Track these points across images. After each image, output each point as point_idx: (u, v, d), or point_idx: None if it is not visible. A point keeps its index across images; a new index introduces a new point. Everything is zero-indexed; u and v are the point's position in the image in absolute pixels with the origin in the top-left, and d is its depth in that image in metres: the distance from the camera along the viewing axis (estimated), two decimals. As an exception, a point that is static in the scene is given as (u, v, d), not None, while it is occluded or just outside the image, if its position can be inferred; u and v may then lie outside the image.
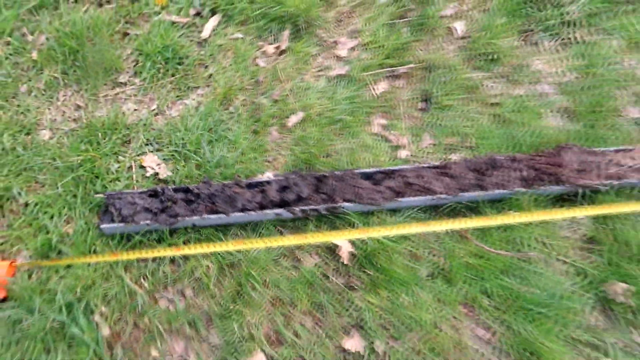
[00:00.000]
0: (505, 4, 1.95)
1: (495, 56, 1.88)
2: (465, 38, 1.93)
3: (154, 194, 1.56)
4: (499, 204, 1.59)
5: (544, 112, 1.79)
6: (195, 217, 1.52)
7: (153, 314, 1.48)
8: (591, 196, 1.59)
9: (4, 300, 1.48)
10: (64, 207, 1.61)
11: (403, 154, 1.71)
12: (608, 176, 1.58)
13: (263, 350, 1.41)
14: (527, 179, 1.56)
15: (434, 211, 1.59)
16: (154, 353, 1.44)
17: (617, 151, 1.62)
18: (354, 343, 1.44)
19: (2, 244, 1.59)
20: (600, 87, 1.81)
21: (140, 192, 1.57)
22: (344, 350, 1.44)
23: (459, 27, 1.94)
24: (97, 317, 1.45)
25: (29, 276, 1.51)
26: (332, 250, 1.53)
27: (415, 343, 1.44)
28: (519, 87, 1.84)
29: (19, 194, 1.64)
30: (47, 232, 1.57)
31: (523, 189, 1.56)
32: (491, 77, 1.87)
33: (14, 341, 1.43)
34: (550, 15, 1.94)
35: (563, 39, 1.93)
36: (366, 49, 1.92)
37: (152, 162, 1.69)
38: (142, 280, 1.51)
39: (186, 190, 1.56)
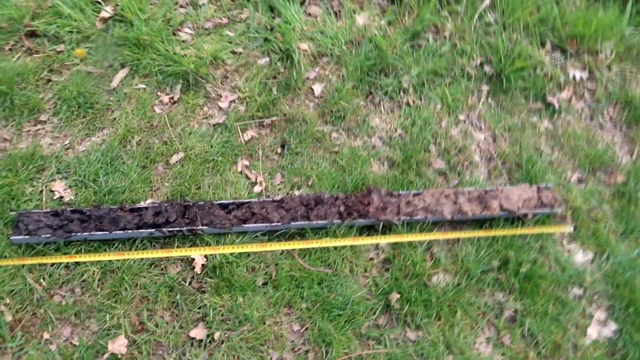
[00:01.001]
0: (356, 72, 2.49)
1: (342, 114, 2.41)
2: (321, 97, 2.46)
3: (55, 214, 2.04)
4: (320, 231, 2.11)
5: (372, 160, 2.33)
6: (85, 233, 2.00)
7: (48, 306, 1.95)
8: (390, 228, 2.14)
9: None
10: (-15, 221, 2.07)
11: (258, 189, 2.22)
12: (404, 213, 2.12)
13: (127, 336, 1.90)
14: (342, 213, 2.10)
15: (272, 235, 2.11)
16: (46, 336, 1.91)
17: (414, 194, 2.17)
18: (198, 332, 1.94)
19: None
20: (417, 142, 2.36)
21: (45, 212, 2.04)
22: (191, 338, 1.94)
23: (317, 88, 2.47)
24: (2, 307, 1.92)
25: (-48, 274, 1.97)
26: (190, 262, 2.03)
27: (245, 333, 1.94)
28: (357, 139, 2.38)
29: (-51, 209, 2.09)
30: (-32, 240, 2.02)
31: (339, 221, 2.09)
32: (337, 129, 2.40)
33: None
34: (390, 83, 2.48)
35: (398, 102, 2.48)
36: (242, 102, 2.43)
37: (60, 187, 2.16)
38: (41, 280, 1.98)
39: (81, 212, 2.04)
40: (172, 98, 2.40)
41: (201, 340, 1.92)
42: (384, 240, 2.09)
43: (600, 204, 2.29)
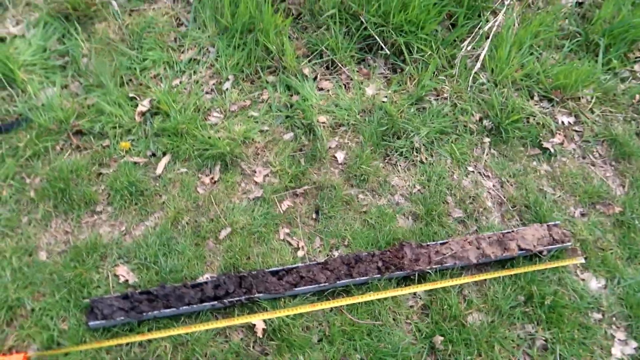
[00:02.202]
0: (372, 138, 2.80)
1: (365, 177, 2.70)
2: (345, 164, 2.76)
3: (125, 297, 2.27)
4: (363, 286, 2.36)
5: (397, 216, 2.61)
6: (155, 312, 2.23)
7: (128, 383, 2.16)
8: (424, 276, 2.39)
9: (22, 382, 2.12)
10: (61, 310, 2.28)
11: (300, 253, 2.48)
12: (434, 262, 2.39)
13: (205, 402, 2.10)
14: (380, 268, 2.35)
15: (320, 294, 2.35)
16: (130, 410, 2.11)
17: (441, 244, 2.44)
18: (267, 392, 2.15)
19: (16, 340, 2.24)
20: (435, 196, 2.65)
21: (116, 296, 2.27)
22: (261, 397, 2.14)
23: (340, 155, 2.77)
24: (88, 389, 2.12)
25: (39, 363, 2.17)
26: (251, 327, 2.26)
27: (309, 388, 2.16)
28: (381, 198, 2.67)
29: (27, 302, 2.31)
30: (49, 330, 2.23)
31: (378, 275, 2.34)
32: (363, 192, 2.68)
33: (31, 410, 2.07)
34: (403, 145, 2.80)
35: (412, 161, 2.79)
36: (275, 175, 2.71)
37: (123, 271, 2.39)
38: (119, 359, 2.19)
39: (148, 293, 2.27)
40: (213, 178, 2.68)
41: (271, 400, 2.12)
42: (420, 288, 2.34)
43: (604, 233, 2.59)
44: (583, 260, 2.46)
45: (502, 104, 2.89)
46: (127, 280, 2.37)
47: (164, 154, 2.76)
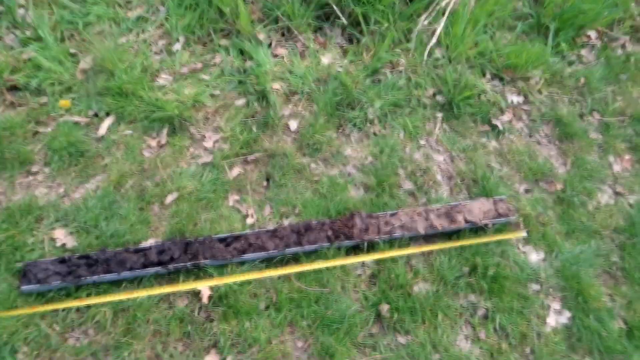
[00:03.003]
0: (326, 107, 2.76)
1: (318, 146, 2.66)
2: (298, 132, 2.71)
3: (62, 261, 2.15)
4: (312, 255, 2.34)
5: (349, 186, 2.59)
6: (95, 277, 2.12)
7: (64, 349, 2.05)
8: (373, 246, 2.40)
9: (-55, 348, 1.98)
10: (-10, 274, 2.14)
11: (250, 221, 2.43)
12: (383, 232, 2.40)
13: (145, 369, 2.04)
14: (330, 237, 2.34)
15: (269, 262, 2.32)
16: (65, 378, 2.02)
17: (390, 214, 2.45)
18: (211, 358, 2.11)
19: (-61, 305, 2.08)
20: (387, 168, 2.65)
21: (52, 260, 2.14)
22: (205, 364, 2.10)
23: (293, 124, 2.72)
24: (20, 355, 2.00)
25: (-36, 329, 2.03)
26: (196, 294, 2.20)
27: (255, 354, 2.13)
28: (334, 168, 2.65)
29: (-48, 265, 2.15)
30: (-22, 294, 2.09)
31: (328, 244, 2.33)
32: (315, 161, 2.65)
33: (-46, 378, 1.94)
34: (357, 115, 2.78)
35: (365, 132, 2.78)
36: (226, 141, 2.63)
37: (61, 235, 2.26)
38: (54, 325, 2.08)
39: (87, 257, 2.16)
40: (160, 142, 2.57)
41: (214, 366, 2.09)
42: (368, 257, 2.35)
43: (545, 210, 2.68)
44: (525, 234, 2.54)
45: (456, 80, 2.91)
46: (64, 244, 2.25)
47: (108, 114, 2.62)
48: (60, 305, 2.09)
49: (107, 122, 2.59)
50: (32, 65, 2.66)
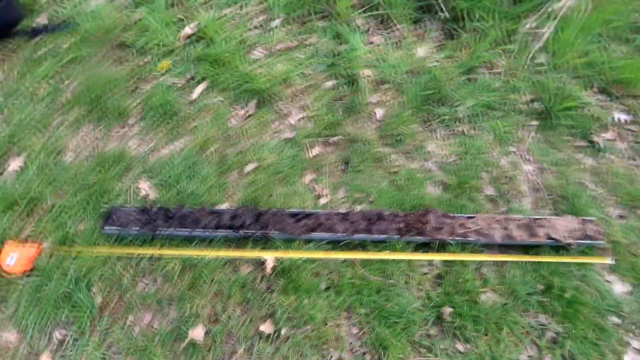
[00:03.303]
0: (414, 100, 2.70)
1: (401, 137, 2.61)
2: (382, 121, 2.67)
3: (143, 210, 2.26)
4: (380, 244, 2.30)
5: (427, 183, 2.52)
6: (170, 230, 2.21)
7: (133, 292, 2.16)
8: (444, 247, 2.32)
9: (32, 271, 2.15)
10: (79, 211, 2.29)
11: (323, 201, 2.43)
12: (457, 234, 2.31)
13: (204, 324, 2.10)
14: (401, 229, 2.29)
15: (336, 244, 2.30)
16: (130, 319, 2.12)
17: (467, 217, 2.36)
18: (266, 327, 2.13)
19: (33, 231, 2.26)
20: (470, 169, 2.55)
21: (134, 208, 2.26)
22: (259, 332, 2.13)
23: (379, 112, 2.68)
24: (94, 290, 2.13)
25: (50, 257, 2.19)
26: (261, 264, 2.23)
27: (309, 332, 2.13)
28: (414, 162, 2.58)
29: (48, 197, 2.32)
30: (66, 227, 2.25)
31: (397, 236, 2.28)
32: (396, 152, 2.60)
33: (35, 300, 2.10)
34: (446, 112, 2.69)
35: (453, 131, 2.68)
36: (310, 120, 2.64)
37: (145, 186, 2.38)
38: (128, 268, 2.19)
39: (166, 210, 2.26)
40: (247, 112, 2.63)
41: (269, 335, 2.11)
42: (438, 257, 2.27)
43: (639, 240, 2.46)
44: (612, 262, 2.34)
45: (558, 88, 2.74)
46: (147, 195, 2.36)
47: (202, 79, 2.72)
48: (135, 251, 2.19)
49: (201, 87, 2.69)
50: (141, 26, 2.82)
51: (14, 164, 2.37)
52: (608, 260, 2.32)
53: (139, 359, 2.04)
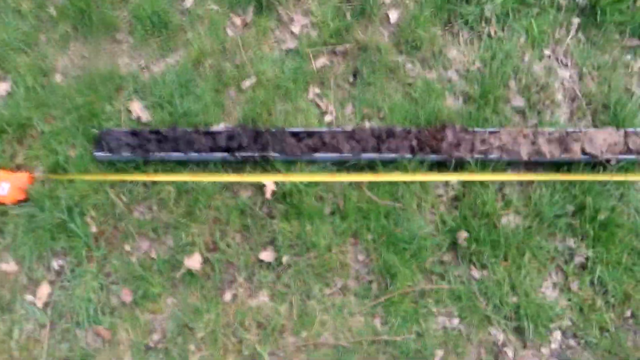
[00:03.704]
0: (435, -1, 2.34)
1: (418, 43, 2.29)
2: (397, 25, 2.34)
3: (134, 134, 2.11)
4: (390, 164, 2.09)
5: (446, 94, 2.24)
6: (162, 154, 2.07)
7: (128, 220, 2.07)
8: (462, 165, 2.09)
9: (25, 200, 2.08)
10: (69, 136, 2.17)
11: (328, 118, 2.20)
12: (478, 151, 2.06)
13: (201, 253, 2.00)
14: (414, 147, 2.06)
15: (341, 165, 2.11)
16: (127, 247, 2.04)
17: (490, 132, 2.09)
18: (267, 255, 2.02)
19: (24, 159, 2.17)
20: (496, 77, 2.23)
21: (125, 131, 2.11)
22: (260, 260, 2.02)
23: (394, 14, 2.35)
24: (88, 219, 2.05)
25: (42, 185, 2.11)
26: (261, 188, 2.08)
27: (312, 259, 2.01)
28: (432, 71, 2.28)
29: (37, 123, 2.20)
30: (57, 154, 2.13)
31: (410, 155, 2.06)
32: (412, 60, 2.30)
33: (30, 229, 2.04)
34: (471, 11, 2.33)
35: (478, 33, 2.33)
36: (315, 27, 2.35)
37: (137, 107, 2.21)
38: (121, 195, 2.09)
39: (158, 133, 2.10)
40: (245, 20, 2.35)
41: (270, 263, 2.00)
42: (455, 177, 2.05)
43: (693, 153, 2.14)
44: (658, 179, 2.06)
45: (607, -23, 2.30)
46: (139, 118, 2.20)
47: (196, -15, 2.42)
48: (128, 177, 2.07)
49: (194, -7, 2.41)
50: None
51: (1, 88, 2.23)
52: (653, 178, 2.03)
53: (137, 287, 1.98)
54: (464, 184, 2.06)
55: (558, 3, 2.33)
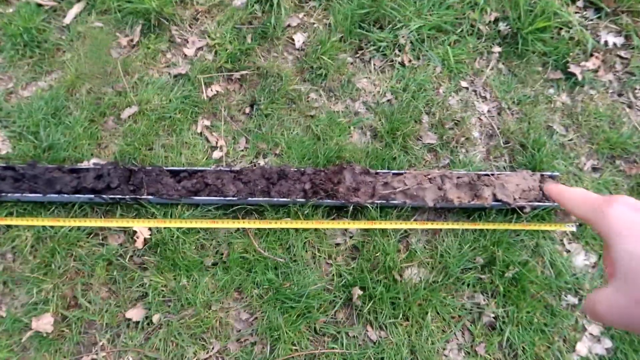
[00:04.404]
0: (345, 22, 2.11)
1: (324, 71, 2.07)
2: (302, 50, 2.11)
3: (-14, 170, 1.81)
4: (282, 209, 1.85)
5: (352, 129, 2.01)
6: (17, 194, 1.78)
7: (-24, 271, 1.77)
8: (362, 210, 1.86)
9: None
10: None
11: (217, 154, 1.95)
12: (379, 196, 1.83)
13: (56, 312, 1.72)
14: (307, 191, 1.82)
15: (227, 209, 1.86)
16: (-28, 304, 1.75)
17: (394, 174, 1.87)
18: (135, 313, 1.75)
19: None
20: (407, 111, 2.02)
21: (-25, 167, 1.82)
22: (127, 318, 1.75)
23: (299, 38, 2.12)
24: None
25: None
26: (133, 233, 1.81)
27: (187, 319, 1.74)
28: (339, 103, 2.06)
29: None
30: None
31: (303, 200, 1.82)
32: (316, 90, 2.07)
33: None
34: (384, 38, 2.11)
35: (390, 61, 2.12)
36: (211, 50, 2.10)
37: (-3, 137, 1.92)
38: (-31, 241, 1.79)
39: (13, 169, 1.82)
40: (132, 40, 2.09)
41: (138, 322, 1.73)
42: (351, 225, 1.82)
43: (614, 199, 1.95)
44: (574, 229, 1.87)
45: (531, 3, 2.12)
46: (-2, 150, 1.90)
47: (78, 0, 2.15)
48: (-23, 221, 1.78)
49: (76, 8, 2.14)
50: None
51: None
52: (570, 227, 1.84)
53: (-21, 352, 1.68)
54: (365, 232, 1.83)
55: (478, 30, 2.14)
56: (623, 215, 0.49)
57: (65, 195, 1.78)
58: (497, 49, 2.15)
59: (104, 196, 1.79)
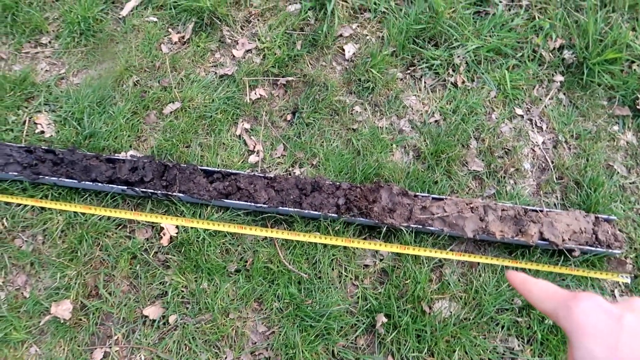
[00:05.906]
0: (399, 36, 2.04)
1: (372, 85, 2.00)
2: (352, 61, 2.05)
3: (28, 151, 1.84)
4: (312, 223, 1.78)
5: (395, 147, 1.93)
6: (54, 178, 1.79)
7: (7, 249, 1.79)
8: (396, 234, 1.76)
9: None
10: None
11: (254, 159, 1.91)
12: (415, 220, 1.73)
13: (76, 300, 1.70)
14: (340, 206, 1.74)
15: (256, 216, 1.80)
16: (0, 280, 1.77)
17: (434, 199, 1.77)
18: (153, 311, 1.72)
19: None
20: (455, 134, 1.92)
21: (19, 147, 1.85)
22: (144, 315, 1.72)
23: (349, 49, 2.06)
24: (-41, 243, 1.78)
25: None
26: (161, 229, 1.79)
27: (203, 324, 1.69)
28: (384, 118, 1.98)
29: None
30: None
31: (335, 215, 1.74)
32: (362, 103, 2.00)
33: None
34: (438, 56, 2.02)
35: (443, 80, 2.03)
36: (259, 54, 2.07)
37: (44, 121, 1.96)
38: (4, 220, 1.82)
39: (54, 153, 1.83)
40: (183, 37, 2.09)
41: (154, 321, 1.69)
42: (383, 248, 1.72)
43: (677, 252, 1.78)
44: (628, 280, 1.70)
45: (601, 33, 1.98)
46: (42, 132, 1.93)
47: (137, -8, 2.18)
48: (13, 199, 1.80)
49: (134, 2, 2.17)
50: None
51: None
52: (624, 278, 1.68)
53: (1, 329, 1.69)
54: (397, 256, 1.74)
55: (540, 56, 2.01)
56: (590, 313, 0.47)
57: (100, 184, 1.78)
58: (559, 77, 2.02)
59: (136, 189, 1.77)
